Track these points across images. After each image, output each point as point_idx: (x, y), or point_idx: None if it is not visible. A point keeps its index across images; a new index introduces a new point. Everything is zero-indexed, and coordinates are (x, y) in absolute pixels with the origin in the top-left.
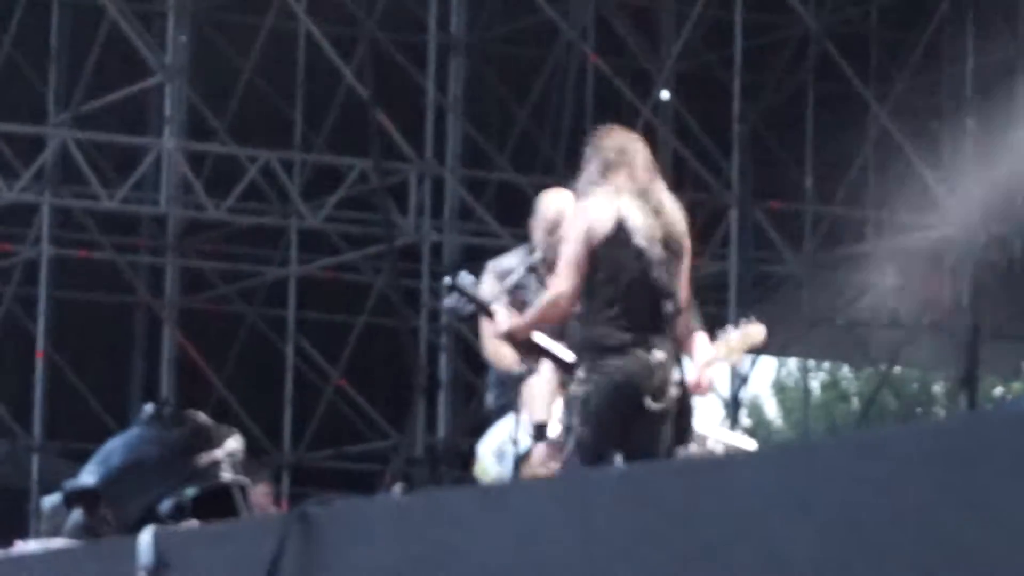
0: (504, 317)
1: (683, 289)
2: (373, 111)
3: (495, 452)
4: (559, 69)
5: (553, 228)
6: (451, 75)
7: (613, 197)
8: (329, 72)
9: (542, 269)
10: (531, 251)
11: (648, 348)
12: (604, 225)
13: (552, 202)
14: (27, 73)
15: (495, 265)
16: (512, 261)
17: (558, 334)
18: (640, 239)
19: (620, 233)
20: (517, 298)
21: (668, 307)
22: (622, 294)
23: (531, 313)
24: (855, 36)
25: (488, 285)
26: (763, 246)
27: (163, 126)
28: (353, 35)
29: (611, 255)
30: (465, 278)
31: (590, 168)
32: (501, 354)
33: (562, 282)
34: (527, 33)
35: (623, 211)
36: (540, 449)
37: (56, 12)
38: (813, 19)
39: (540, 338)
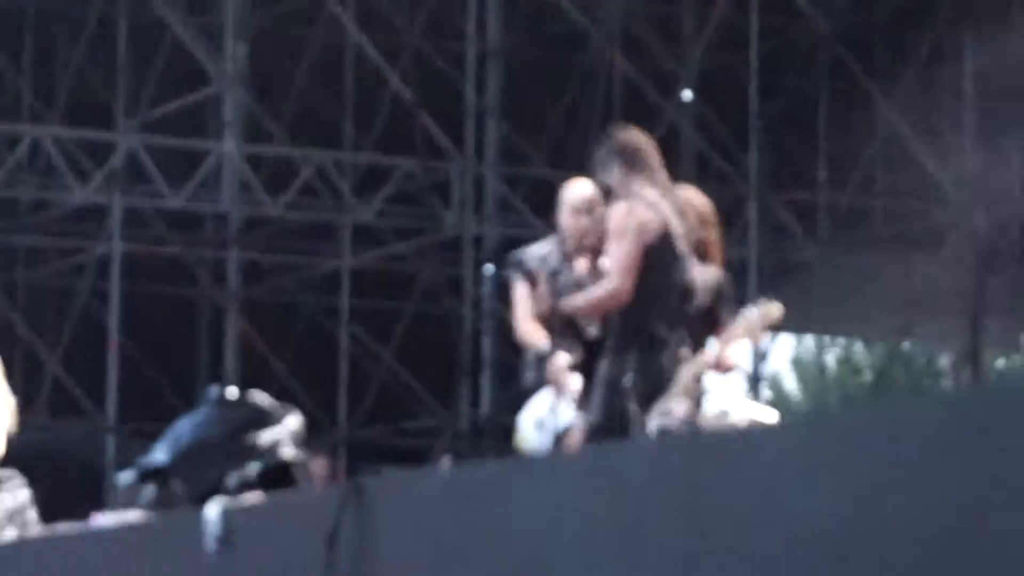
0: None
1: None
2: (417, 114)
3: (535, 423)
4: (589, 72)
5: (576, 212)
6: (489, 80)
7: (657, 200)
8: (376, 79)
9: (568, 249)
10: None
11: (679, 343)
12: (654, 227)
13: (576, 189)
14: (97, 83)
15: (528, 253)
16: (543, 249)
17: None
18: (680, 242)
19: (666, 236)
20: (553, 282)
21: (690, 306)
22: (663, 292)
23: (588, 300)
24: (862, 37)
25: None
26: (780, 233)
27: (223, 130)
28: (398, 44)
29: (659, 256)
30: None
31: (614, 168)
32: (532, 334)
33: (621, 279)
34: (559, 39)
35: (666, 214)
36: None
37: (123, 27)
38: (824, 22)
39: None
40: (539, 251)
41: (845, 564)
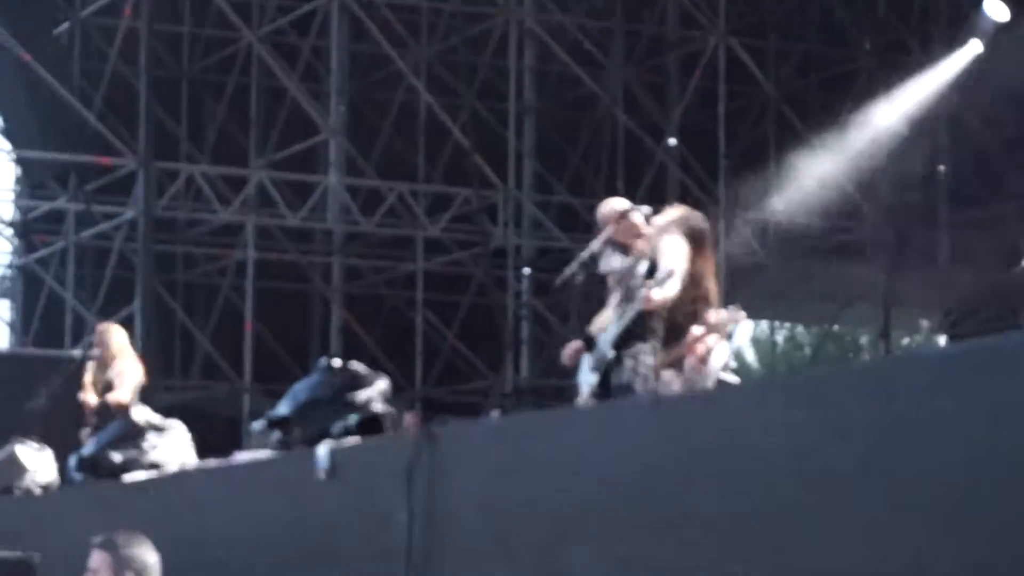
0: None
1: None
2: (472, 155)
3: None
4: (599, 124)
5: (620, 217)
6: (525, 130)
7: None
8: (441, 129)
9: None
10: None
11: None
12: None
13: (615, 203)
14: (235, 132)
15: (604, 264)
16: (615, 262)
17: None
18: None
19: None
20: (624, 282)
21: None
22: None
23: (664, 295)
24: (800, 98)
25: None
26: (743, 245)
27: (329, 167)
28: (458, 104)
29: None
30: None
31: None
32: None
33: (678, 286)
34: (576, 100)
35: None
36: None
37: (254, 90)
38: (772, 88)
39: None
40: (613, 263)
41: (794, 489)
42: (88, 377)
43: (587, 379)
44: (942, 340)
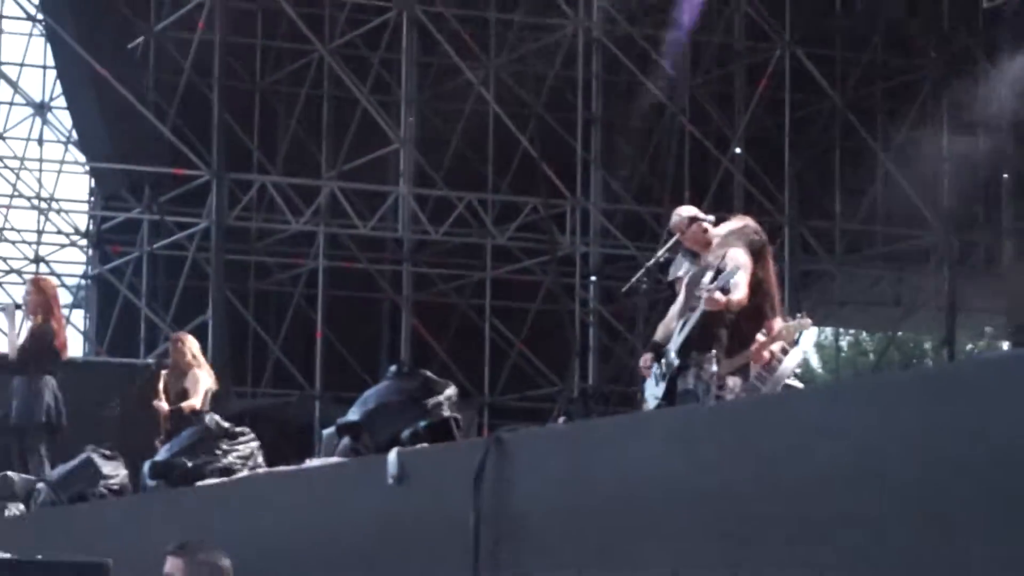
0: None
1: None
2: (540, 165)
3: (651, 390)
4: (666, 134)
5: (692, 222)
6: (592, 140)
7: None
8: (510, 139)
9: (684, 252)
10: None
11: None
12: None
13: (684, 211)
14: (307, 143)
15: (674, 270)
16: (683, 269)
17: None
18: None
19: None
20: (690, 289)
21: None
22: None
23: (729, 298)
24: (866, 107)
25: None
26: (808, 251)
27: (399, 177)
28: (526, 114)
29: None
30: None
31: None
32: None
33: (744, 292)
34: (644, 109)
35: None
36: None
37: (325, 102)
38: (839, 97)
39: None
40: (683, 269)
41: (859, 493)
42: (162, 385)
43: (653, 392)
44: (1005, 346)
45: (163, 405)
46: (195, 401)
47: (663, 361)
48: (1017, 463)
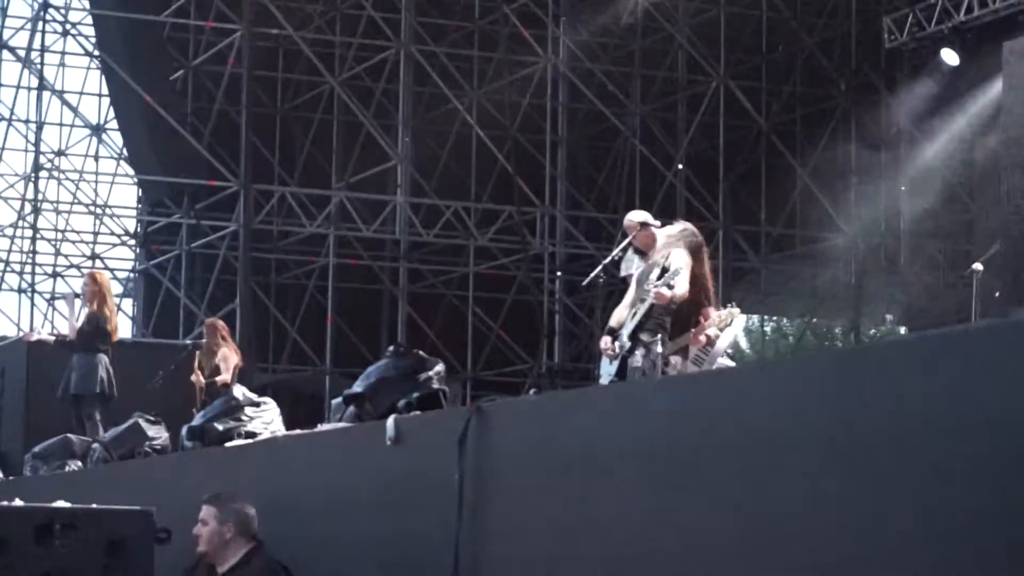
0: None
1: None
2: (515, 178)
3: (606, 366)
4: (620, 152)
5: (642, 226)
6: (559, 157)
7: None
8: (489, 156)
9: (635, 252)
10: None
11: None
12: (690, 261)
13: (636, 215)
14: (319, 159)
15: (626, 267)
16: (634, 266)
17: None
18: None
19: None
20: (640, 283)
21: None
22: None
23: (673, 293)
24: (788, 130)
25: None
26: (737, 251)
27: (397, 188)
28: (504, 135)
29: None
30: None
31: (673, 237)
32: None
33: (685, 287)
34: (601, 132)
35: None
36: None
37: (335, 124)
38: (765, 122)
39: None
40: (627, 268)
41: (779, 454)
42: (197, 363)
43: (607, 370)
44: (903, 331)
45: (200, 379)
46: (227, 376)
47: (616, 344)
48: (910, 425)
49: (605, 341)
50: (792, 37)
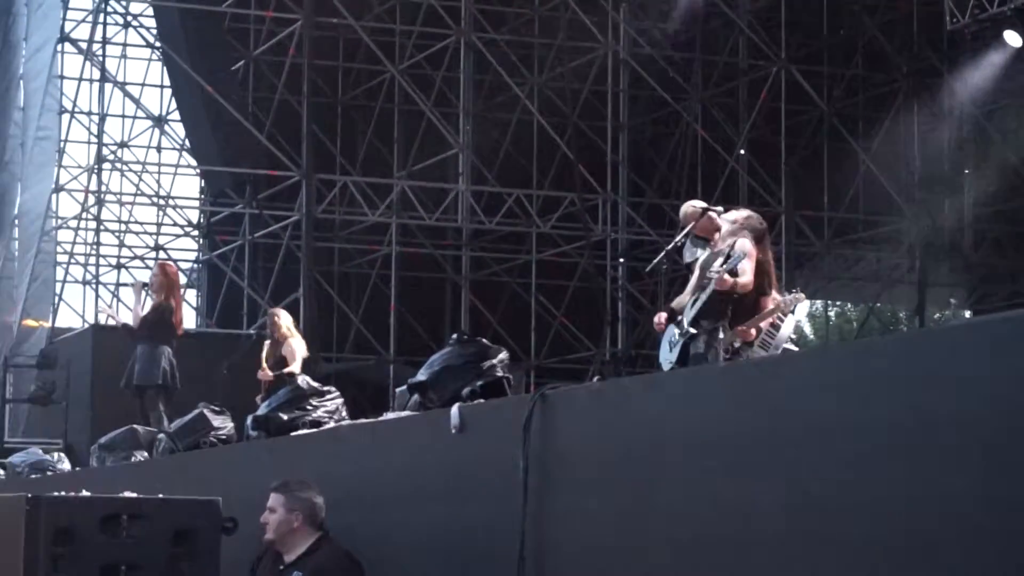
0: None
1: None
2: (577, 165)
3: (666, 351)
4: (681, 138)
5: (704, 212)
6: (620, 143)
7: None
8: (551, 143)
9: (695, 239)
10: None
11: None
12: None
13: (695, 203)
14: (380, 148)
15: (688, 254)
16: (696, 253)
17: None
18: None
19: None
20: (702, 270)
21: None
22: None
23: (735, 280)
24: (850, 114)
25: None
26: (801, 236)
27: (458, 176)
28: (565, 122)
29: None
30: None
31: (737, 224)
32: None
33: (749, 276)
34: (663, 118)
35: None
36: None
37: (396, 112)
38: (826, 106)
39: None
40: (689, 255)
41: (845, 439)
42: (264, 354)
43: (667, 357)
44: (968, 314)
45: (268, 374)
46: (295, 367)
47: (677, 331)
48: (978, 413)
49: (660, 316)
50: (853, 20)
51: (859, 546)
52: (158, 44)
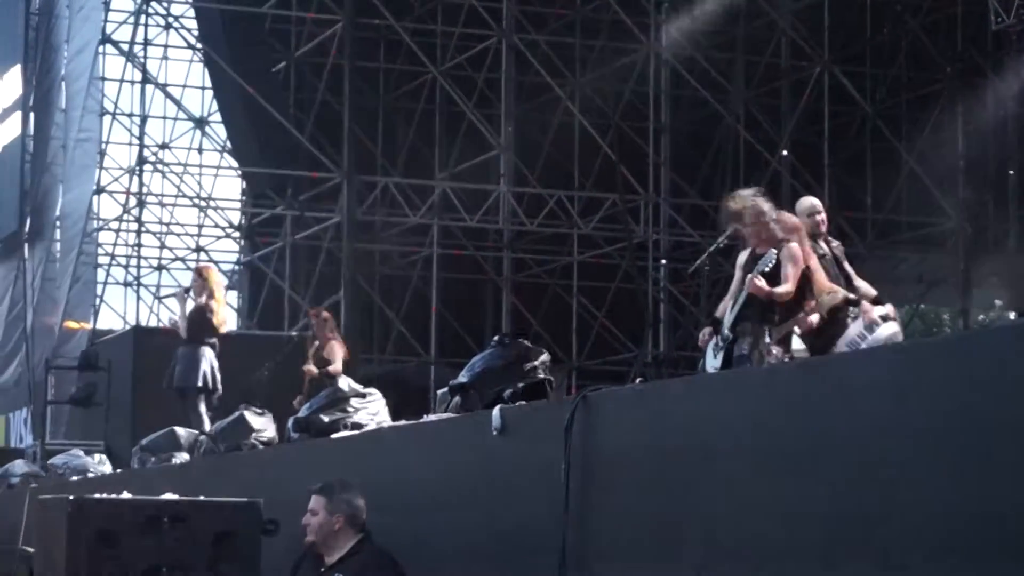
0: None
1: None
2: (619, 166)
3: (711, 355)
4: (723, 139)
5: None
6: (661, 144)
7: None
8: (592, 144)
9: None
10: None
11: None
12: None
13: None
14: (422, 149)
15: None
16: (741, 255)
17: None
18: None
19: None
20: (745, 271)
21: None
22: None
23: (780, 292)
24: (893, 115)
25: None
26: (844, 238)
27: (500, 178)
28: (606, 123)
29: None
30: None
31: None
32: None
33: (791, 287)
34: (704, 119)
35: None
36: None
37: (437, 114)
38: (869, 107)
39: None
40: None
41: (889, 439)
42: (311, 352)
43: (712, 364)
44: (1012, 315)
45: (312, 369)
46: (338, 367)
47: (718, 337)
48: (1021, 410)
49: (705, 332)
50: (896, 20)
51: (903, 551)
52: (199, 45)
